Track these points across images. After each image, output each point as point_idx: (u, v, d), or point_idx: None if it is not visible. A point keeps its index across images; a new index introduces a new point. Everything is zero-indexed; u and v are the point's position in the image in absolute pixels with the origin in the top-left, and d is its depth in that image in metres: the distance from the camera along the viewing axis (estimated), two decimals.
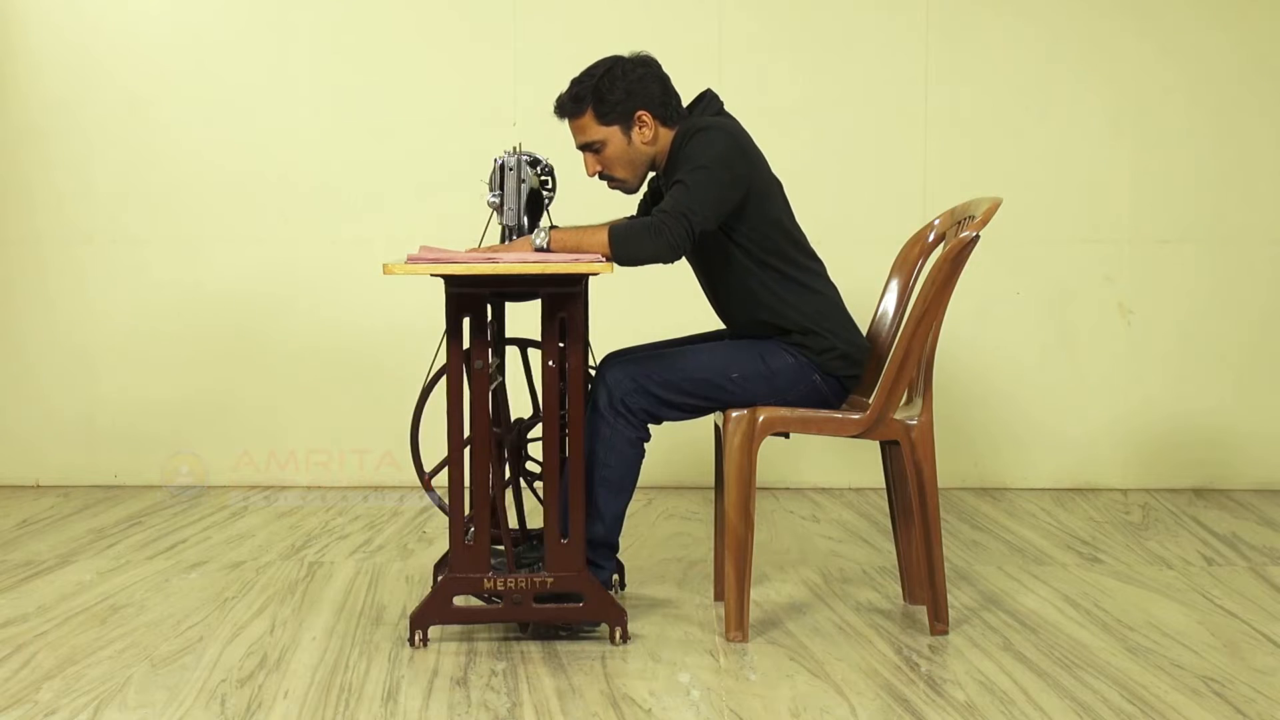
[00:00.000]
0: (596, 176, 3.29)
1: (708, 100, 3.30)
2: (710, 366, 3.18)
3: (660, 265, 3.13)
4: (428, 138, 4.99)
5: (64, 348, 5.04)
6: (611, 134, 3.21)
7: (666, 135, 3.23)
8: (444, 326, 3.10)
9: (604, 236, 3.05)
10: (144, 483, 5.01)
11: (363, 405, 5.02)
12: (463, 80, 4.99)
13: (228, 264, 5.01)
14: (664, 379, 3.15)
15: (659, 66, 3.26)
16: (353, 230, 4.99)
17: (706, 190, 3.06)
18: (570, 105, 3.23)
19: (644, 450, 3.22)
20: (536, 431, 3.38)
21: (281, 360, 5.03)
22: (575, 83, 3.23)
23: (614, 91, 3.19)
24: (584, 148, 3.26)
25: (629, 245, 3.03)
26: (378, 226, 4.97)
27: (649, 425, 3.19)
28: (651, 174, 3.33)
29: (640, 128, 3.21)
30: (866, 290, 3.76)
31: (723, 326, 3.44)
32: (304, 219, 5.00)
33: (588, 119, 3.22)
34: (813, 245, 3.32)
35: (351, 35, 4.99)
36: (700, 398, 3.17)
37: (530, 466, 3.56)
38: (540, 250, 3.09)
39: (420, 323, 4.85)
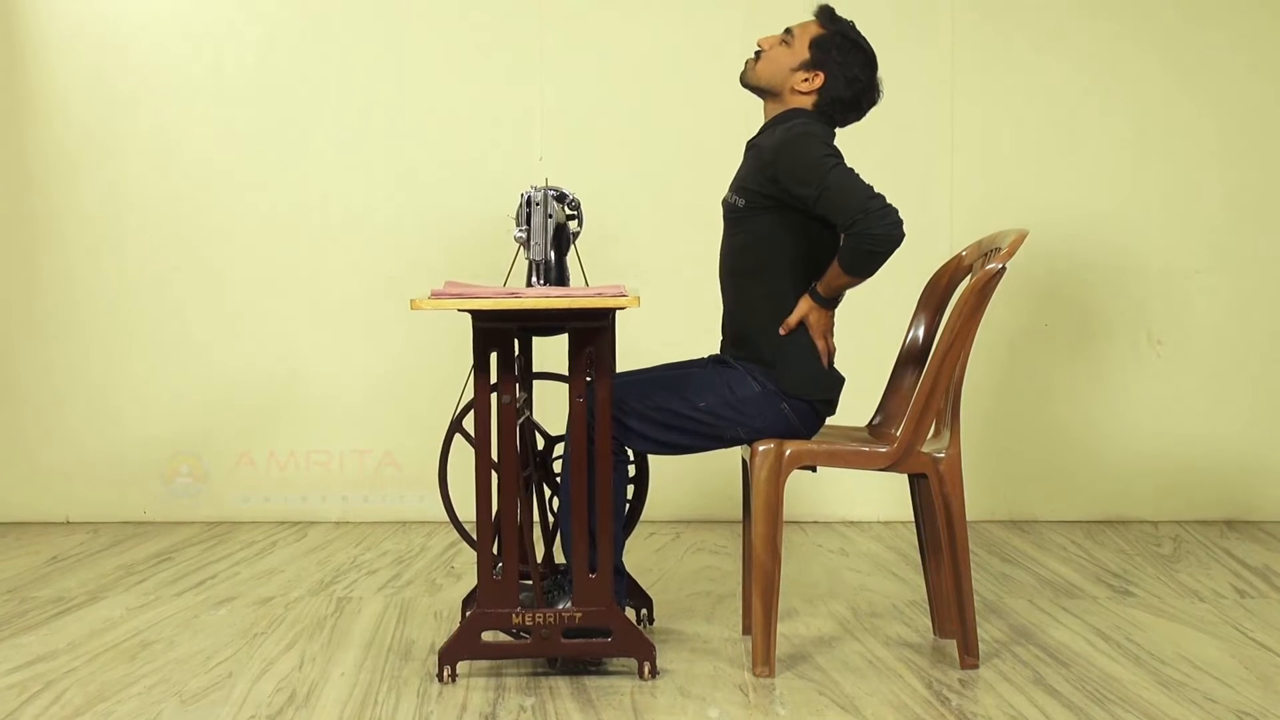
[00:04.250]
0: (757, 49, 3.31)
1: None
2: (678, 395, 3.18)
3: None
4: (454, 172, 5.01)
5: (93, 383, 5.06)
6: (800, 53, 3.25)
7: (804, 103, 3.26)
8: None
9: (846, 279, 3.12)
10: (174, 519, 5.03)
11: (364, 405, 5.05)
12: (489, 115, 5.01)
13: (256, 297, 5.03)
14: (631, 407, 3.16)
15: (872, 100, 3.31)
16: (378, 264, 5.01)
17: (845, 175, 3.08)
18: (823, 16, 3.30)
19: (625, 472, 3.24)
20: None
21: (300, 384, 5.06)
22: (844, 23, 3.29)
23: (840, 54, 3.24)
24: (786, 31, 3.30)
25: (869, 268, 3.10)
26: (402, 261, 4.99)
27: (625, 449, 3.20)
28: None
29: (808, 80, 3.25)
30: (894, 322, 3.76)
31: (705, 355, 3.44)
32: (330, 254, 5.02)
33: (813, 30, 3.27)
34: None
35: (380, 70, 5.02)
36: (664, 427, 3.17)
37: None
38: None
39: (425, 332, 4.89)
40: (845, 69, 3.24)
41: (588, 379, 3.05)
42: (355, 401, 5.04)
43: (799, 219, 3.16)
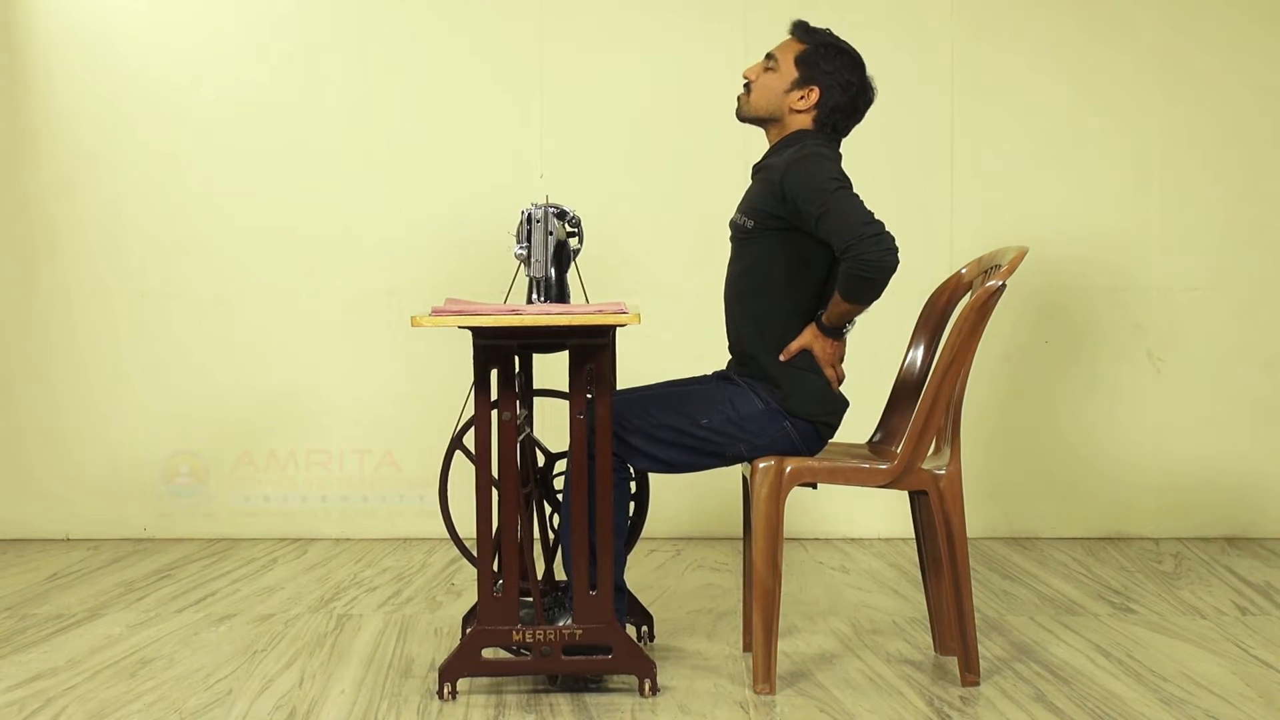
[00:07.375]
0: (744, 81, 3.31)
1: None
2: (680, 412, 3.18)
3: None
4: (454, 190, 5.01)
5: (93, 400, 5.06)
6: (789, 73, 3.25)
7: (805, 122, 3.25)
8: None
9: (846, 306, 3.12)
10: (174, 535, 5.03)
11: (365, 419, 5.04)
12: (489, 132, 5.02)
13: (255, 317, 5.03)
14: (632, 424, 3.16)
15: (868, 100, 3.29)
16: (379, 281, 5.01)
17: (847, 200, 3.07)
18: (799, 31, 3.30)
19: (626, 489, 3.24)
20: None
21: (303, 399, 5.06)
22: (821, 32, 3.29)
23: (826, 63, 3.24)
24: (768, 57, 3.30)
25: (866, 294, 3.08)
26: (403, 279, 4.99)
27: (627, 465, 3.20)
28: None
29: (804, 97, 3.24)
30: (894, 341, 3.76)
31: (708, 373, 3.44)
32: (331, 272, 5.03)
33: (794, 49, 3.26)
34: None
35: (381, 89, 5.03)
36: (665, 444, 3.17)
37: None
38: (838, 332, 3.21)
39: (425, 348, 4.89)
40: (837, 76, 3.24)
41: (588, 396, 3.06)
42: (356, 416, 5.04)
43: (806, 241, 3.16)
